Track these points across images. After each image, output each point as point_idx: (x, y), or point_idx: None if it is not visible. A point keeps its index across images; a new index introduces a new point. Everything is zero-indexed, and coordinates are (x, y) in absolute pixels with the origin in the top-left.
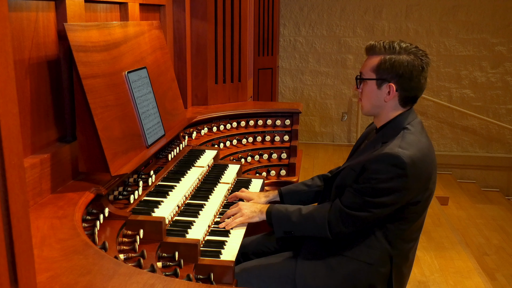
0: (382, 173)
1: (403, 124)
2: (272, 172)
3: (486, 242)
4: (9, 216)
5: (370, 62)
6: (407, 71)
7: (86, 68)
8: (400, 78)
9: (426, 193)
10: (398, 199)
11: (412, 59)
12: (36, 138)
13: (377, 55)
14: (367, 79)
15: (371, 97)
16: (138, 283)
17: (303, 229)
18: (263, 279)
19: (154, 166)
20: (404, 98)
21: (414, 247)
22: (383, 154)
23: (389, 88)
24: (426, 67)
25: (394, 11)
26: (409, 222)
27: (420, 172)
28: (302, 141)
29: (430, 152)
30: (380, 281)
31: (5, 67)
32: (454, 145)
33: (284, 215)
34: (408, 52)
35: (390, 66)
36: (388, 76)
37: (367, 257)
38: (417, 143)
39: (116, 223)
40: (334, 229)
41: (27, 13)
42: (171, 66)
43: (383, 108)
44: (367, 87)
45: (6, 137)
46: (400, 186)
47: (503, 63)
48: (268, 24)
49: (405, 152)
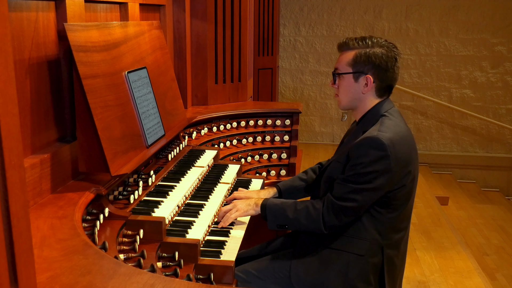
0: (364, 157)
1: (380, 112)
2: (272, 172)
3: (486, 242)
4: (9, 216)
5: (345, 57)
6: (382, 62)
7: (86, 68)
8: (377, 69)
9: (409, 176)
10: (384, 183)
11: (385, 51)
12: (36, 138)
13: (351, 50)
14: (344, 73)
15: (349, 90)
16: (138, 283)
17: (298, 223)
18: (260, 278)
19: (154, 166)
20: (380, 88)
21: (405, 238)
22: (363, 138)
23: (366, 80)
24: (398, 58)
25: (394, 11)
26: (397, 210)
27: (400, 153)
28: (302, 141)
29: (408, 136)
30: (372, 271)
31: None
32: (454, 145)
33: (279, 209)
34: (380, 45)
35: (366, 58)
36: (364, 68)
37: (358, 249)
38: (395, 127)
39: (116, 223)
40: (328, 222)
41: (27, 13)
42: (171, 66)
43: (361, 100)
44: (344, 82)
45: (6, 137)
46: (384, 168)
47: (503, 63)
48: (268, 24)
49: (384, 134)
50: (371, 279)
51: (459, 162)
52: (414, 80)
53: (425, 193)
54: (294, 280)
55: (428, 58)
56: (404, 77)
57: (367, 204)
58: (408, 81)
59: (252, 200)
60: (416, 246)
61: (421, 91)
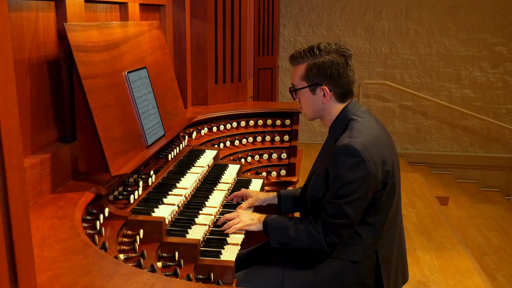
0: (341, 166)
1: (348, 117)
2: (272, 172)
3: (486, 242)
4: (9, 216)
5: (297, 72)
6: (334, 70)
7: (86, 68)
8: (330, 78)
9: (388, 174)
10: (368, 188)
11: (334, 58)
12: (36, 138)
13: (301, 63)
14: (300, 89)
15: (310, 103)
16: (138, 283)
17: (300, 242)
18: (254, 285)
19: (154, 166)
20: (340, 94)
21: (398, 232)
22: (335, 149)
23: (323, 91)
24: (350, 60)
25: (394, 11)
26: (384, 209)
27: (375, 154)
28: (302, 141)
29: (380, 134)
30: (367, 274)
31: (5, 67)
32: (454, 145)
33: (281, 227)
34: (328, 52)
35: (316, 70)
36: (318, 80)
37: (351, 255)
38: (365, 129)
39: (116, 223)
40: (329, 242)
41: (27, 13)
42: (171, 66)
43: (325, 110)
44: (303, 96)
45: (6, 137)
46: (364, 174)
47: (503, 63)
48: (268, 24)
49: (355, 140)
50: (368, 281)
51: (459, 162)
52: (414, 80)
53: (425, 193)
54: (287, 286)
55: (428, 58)
56: (404, 77)
57: (360, 214)
58: (408, 81)
59: (257, 215)
60: (416, 246)
61: (421, 91)
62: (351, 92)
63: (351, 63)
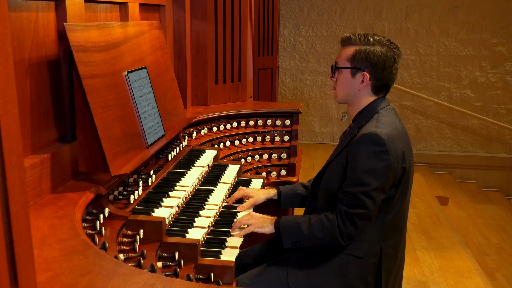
0: (364, 152)
1: (376, 109)
2: (272, 172)
3: (486, 242)
4: (9, 216)
5: (345, 52)
6: (380, 61)
7: (86, 68)
8: (374, 68)
9: (404, 174)
10: (387, 181)
11: (385, 50)
12: (36, 138)
13: (352, 46)
14: (342, 68)
15: (345, 85)
16: (138, 283)
17: (314, 238)
18: (259, 285)
19: (154, 166)
20: (376, 86)
21: (403, 237)
22: (361, 135)
23: (362, 77)
24: (398, 58)
25: (394, 11)
26: (394, 209)
27: (398, 148)
28: (302, 141)
29: (404, 132)
30: (370, 272)
31: (5, 67)
32: (454, 145)
33: (293, 225)
34: (381, 44)
35: (364, 56)
36: (362, 65)
37: (357, 251)
38: (391, 123)
39: (116, 223)
40: (345, 233)
41: (27, 13)
42: (171, 66)
43: (357, 96)
44: (341, 76)
45: (6, 137)
46: (385, 165)
47: (503, 63)
48: (268, 24)
49: (382, 130)
50: (370, 279)
51: (459, 162)
52: (414, 80)
53: (425, 193)
54: (292, 285)
55: (428, 58)
56: (404, 77)
57: (377, 207)
58: (408, 81)
59: (268, 217)
60: (416, 246)
61: (421, 91)
62: (388, 89)
63: (397, 61)
